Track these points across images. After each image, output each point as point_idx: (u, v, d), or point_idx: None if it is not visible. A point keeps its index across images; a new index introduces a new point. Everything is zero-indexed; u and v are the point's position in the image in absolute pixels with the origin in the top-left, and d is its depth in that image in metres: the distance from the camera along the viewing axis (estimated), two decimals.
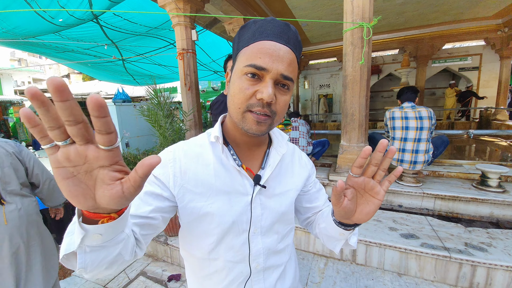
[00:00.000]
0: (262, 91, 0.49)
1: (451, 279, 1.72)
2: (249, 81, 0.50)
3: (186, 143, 0.62)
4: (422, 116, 2.40)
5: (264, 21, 0.51)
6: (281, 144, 0.65)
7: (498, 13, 5.93)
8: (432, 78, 8.74)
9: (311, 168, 0.74)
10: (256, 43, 0.50)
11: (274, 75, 0.49)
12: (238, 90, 0.51)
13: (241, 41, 0.53)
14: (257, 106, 0.50)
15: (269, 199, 0.61)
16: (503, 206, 2.19)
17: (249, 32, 0.52)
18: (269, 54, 0.48)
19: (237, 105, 0.52)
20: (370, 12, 2.42)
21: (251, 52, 0.50)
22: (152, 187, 0.56)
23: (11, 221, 1.17)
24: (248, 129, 0.52)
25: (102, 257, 0.40)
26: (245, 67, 0.50)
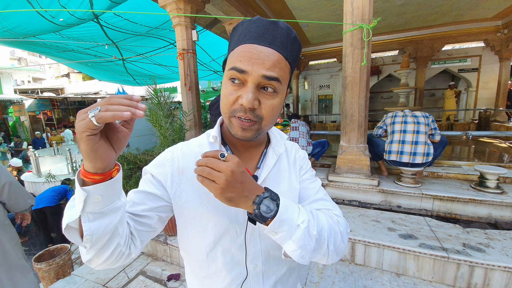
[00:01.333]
0: (242, 96, 0.49)
1: (449, 280, 1.73)
2: (233, 86, 0.50)
3: (185, 143, 0.63)
4: (417, 115, 2.54)
5: (250, 22, 0.51)
6: (279, 143, 0.65)
7: (497, 14, 5.95)
8: (431, 79, 8.76)
9: (303, 157, 0.71)
10: (239, 46, 0.50)
11: (255, 78, 0.48)
12: (223, 95, 0.52)
13: (231, 44, 0.54)
14: (240, 111, 0.50)
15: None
16: (501, 207, 2.21)
17: (236, 34, 0.52)
18: (248, 57, 0.48)
19: (223, 110, 0.53)
20: (370, 14, 2.44)
21: (234, 56, 0.50)
22: (148, 187, 0.57)
23: None
24: (234, 134, 0.53)
25: (104, 225, 0.44)
26: (228, 71, 0.50)
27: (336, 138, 5.41)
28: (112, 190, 0.44)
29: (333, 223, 0.56)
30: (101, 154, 0.40)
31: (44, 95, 13.70)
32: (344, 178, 2.69)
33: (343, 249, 0.56)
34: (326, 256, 0.53)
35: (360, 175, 2.64)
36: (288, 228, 0.47)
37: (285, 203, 0.49)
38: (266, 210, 0.46)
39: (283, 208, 0.47)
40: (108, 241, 0.46)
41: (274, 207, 0.47)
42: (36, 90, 14.19)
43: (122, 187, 0.47)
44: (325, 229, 0.52)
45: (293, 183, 0.65)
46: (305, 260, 0.50)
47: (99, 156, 0.40)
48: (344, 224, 0.59)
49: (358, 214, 2.38)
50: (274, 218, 0.46)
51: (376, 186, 2.56)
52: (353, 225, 2.17)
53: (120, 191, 0.47)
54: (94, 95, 14.45)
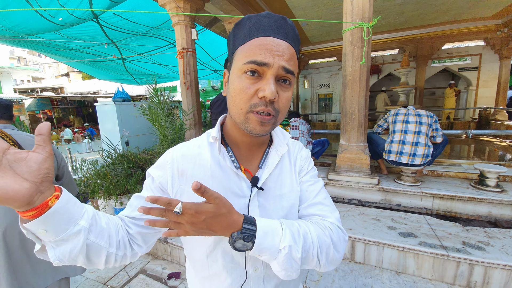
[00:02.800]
0: (264, 88, 0.47)
1: (449, 278, 1.73)
2: (250, 79, 0.48)
3: (185, 144, 0.62)
4: (421, 113, 2.51)
5: (260, 16, 0.50)
6: (282, 143, 0.63)
7: (497, 13, 5.94)
8: (431, 78, 8.76)
9: (305, 158, 0.68)
10: (253, 39, 0.48)
11: (276, 70, 0.47)
12: (238, 90, 0.49)
13: (237, 39, 0.51)
14: (260, 105, 0.48)
15: (268, 201, 0.59)
16: (501, 205, 2.21)
17: (244, 29, 0.50)
18: (268, 50, 0.47)
19: (238, 106, 0.50)
20: (370, 12, 2.43)
21: (249, 49, 0.48)
22: (147, 193, 0.58)
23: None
24: (251, 130, 0.51)
25: (69, 250, 0.42)
26: (244, 65, 0.48)
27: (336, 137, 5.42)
28: (56, 221, 0.39)
29: (324, 236, 0.54)
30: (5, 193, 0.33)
31: (44, 94, 13.69)
32: (344, 177, 2.69)
33: (338, 258, 0.55)
34: (318, 268, 0.54)
35: (360, 173, 2.64)
36: (269, 253, 0.48)
37: (265, 231, 0.48)
38: (242, 247, 0.47)
39: (261, 237, 0.47)
40: (89, 257, 0.46)
41: (250, 244, 0.47)
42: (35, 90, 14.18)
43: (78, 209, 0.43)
44: (314, 246, 0.52)
45: (294, 184, 0.63)
46: (293, 277, 0.51)
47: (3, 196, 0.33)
48: (337, 233, 0.56)
49: (358, 213, 2.38)
50: (252, 248, 0.47)
51: (376, 185, 2.57)
52: (353, 223, 2.17)
53: (73, 217, 0.42)
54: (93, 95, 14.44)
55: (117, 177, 2.62)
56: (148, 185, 0.59)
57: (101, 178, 2.62)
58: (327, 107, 10.51)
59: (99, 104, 4.36)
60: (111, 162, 2.83)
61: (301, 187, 0.64)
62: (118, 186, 2.56)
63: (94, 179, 2.65)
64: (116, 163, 2.77)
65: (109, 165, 2.75)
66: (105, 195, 2.60)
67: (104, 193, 2.58)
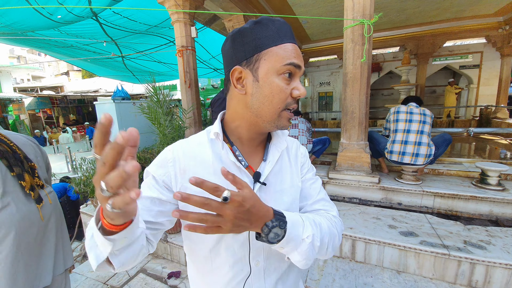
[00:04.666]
0: (298, 88, 0.54)
1: (450, 277, 1.73)
2: (287, 80, 0.53)
3: (185, 141, 0.62)
4: (426, 113, 2.48)
5: (280, 22, 0.54)
6: (281, 140, 0.65)
7: (499, 10, 5.90)
8: (432, 76, 8.71)
9: (305, 155, 0.72)
10: (285, 44, 0.53)
11: (301, 73, 0.55)
12: (278, 90, 0.53)
13: (263, 39, 0.52)
14: (293, 103, 0.55)
15: (269, 196, 0.60)
16: (502, 204, 2.20)
17: (270, 30, 0.53)
18: (298, 54, 0.54)
19: (276, 105, 0.54)
20: (371, 9, 2.41)
21: (285, 52, 0.52)
22: (152, 192, 0.56)
23: (53, 201, 1.40)
24: (283, 126, 0.57)
25: (131, 253, 0.46)
26: (284, 66, 0.52)
27: (336, 136, 5.40)
28: (135, 226, 0.43)
29: (332, 227, 0.60)
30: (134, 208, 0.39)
31: (44, 93, 13.68)
32: (344, 176, 2.68)
33: (338, 246, 0.63)
34: (324, 255, 0.59)
35: (360, 172, 2.63)
36: (294, 244, 0.50)
37: (292, 221, 0.50)
38: (274, 237, 0.47)
39: (290, 228, 0.49)
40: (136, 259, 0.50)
41: (282, 233, 0.48)
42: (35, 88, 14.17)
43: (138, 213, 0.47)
44: (326, 235, 0.56)
45: (295, 180, 0.65)
46: (309, 265, 0.54)
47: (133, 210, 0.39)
48: (340, 225, 0.63)
49: (358, 212, 2.37)
50: (283, 238, 0.48)
51: (376, 184, 2.55)
52: (353, 222, 2.16)
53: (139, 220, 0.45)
54: (93, 93, 14.42)
55: None
56: (151, 185, 0.57)
57: None
58: (328, 106, 10.48)
59: (99, 103, 4.35)
60: None
61: (304, 185, 0.67)
62: None
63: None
64: None
65: None
66: None
67: None
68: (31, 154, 1.35)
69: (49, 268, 1.35)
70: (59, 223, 1.46)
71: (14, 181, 1.21)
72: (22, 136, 1.39)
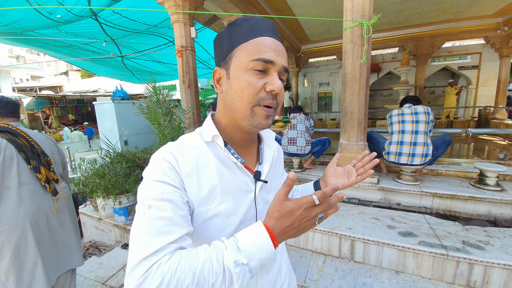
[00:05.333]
0: (272, 83, 0.51)
1: (448, 277, 1.73)
2: (257, 74, 0.51)
3: (180, 144, 0.57)
4: (418, 111, 2.47)
5: (256, 19, 0.54)
6: (271, 139, 0.69)
7: (498, 11, 5.92)
8: (431, 77, 8.73)
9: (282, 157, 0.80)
10: (257, 38, 0.52)
11: (278, 68, 0.52)
12: (246, 84, 0.51)
13: (235, 37, 0.53)
14: (268, 99, 0.52)
15: (268, 194, 0.63)
16: (500, 204, 2.20)
17: (242, 28, 0.53)
18: (272, 49, 0.51)
19: (246, 100, 0.52)
20: (370, 10, 2.41)
21: (255, 47, 0.51)
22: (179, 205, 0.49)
23: (67, 195, 1.47)
24: (257, 124, 0.54)
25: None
26: (251, 62, 0.51)
27: (335, 136, 5.40)
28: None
29: None
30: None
31: (43, 93, 13.64)
32: None
33: None
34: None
35: None
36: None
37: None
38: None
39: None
40: None
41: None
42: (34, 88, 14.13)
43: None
44: None
45: (283, 176, 0.74)
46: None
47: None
48: None
49: (357, 212, 2.38)
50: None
51: (375, 184, 2.56)
52: (352, 223, 2.17)
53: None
54: (92, 93, 14.39)
55: (115, 176, 2.61)
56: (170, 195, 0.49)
57: (100, 177, 2.61)
58: (327, 106, 10.49)
59: (98, 103, 4.34)
60: (109, 161, 2.82)
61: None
62: (117, 186, 2.54)
63: (92, 178, 2.64)
64: (115, 162, 2.76)
65: (107, 164, 2.74)
66: (103, 194, 2.59)
67: (102, 192, 2.57)
68: (48, 150, 1.46)
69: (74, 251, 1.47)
70: (72, 215, 1.55)
71: (31, 173, 1.31)
72: (41, 134, 1.51)
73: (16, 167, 1.25)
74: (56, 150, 1.57)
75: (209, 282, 0.41)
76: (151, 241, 0.44)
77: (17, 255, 1.19)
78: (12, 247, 1.18)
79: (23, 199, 1.24)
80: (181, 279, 0.40)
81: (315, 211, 0.46)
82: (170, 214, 0.47)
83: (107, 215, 2.95)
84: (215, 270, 0.41)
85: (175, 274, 0.41)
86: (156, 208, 0.47)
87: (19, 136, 1.33)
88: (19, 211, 1.22)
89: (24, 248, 1.21)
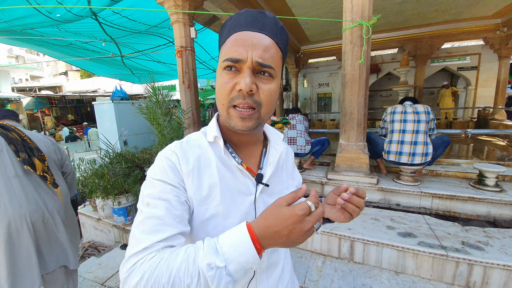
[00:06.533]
0: (239, 82, 0.48)
1: (448, 278, 1.73)
2: (228, 74, 0.49)
3: (183, 143, 0.58)
4: (419, 111, 2.47)
5: (238, 14, 0.52)
6: (278, 142, 0.66)
7: (497, 12, 5.93)
8: (430, 77, 8.74)
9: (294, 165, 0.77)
10: (230, 36, 0.50)
11: (250, 64, 0.48)
12: (219, 85, 0.51)
13: (221, 39, 0.54)
14: (239, 98, 0.49)
15: (270, 197, 0.61)
16: (500, 205, 2.21)
17: (226, 28, 0.53)
18: (242, 44, 0.48)
19: (221, 102, 0.51)
20: (370, 11, 2.42)
21: (227, 46, 0.50)
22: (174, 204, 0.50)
23: (64, 199, 1.46)
24: (234, 126, 0.51)
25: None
26: (222, 62, 0.50)
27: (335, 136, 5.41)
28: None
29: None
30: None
31: (42, 93, 13.62)
32: (343, 177, 2.68)
33: None
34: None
35: (359, 173, 2.63)
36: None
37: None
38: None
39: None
40: None
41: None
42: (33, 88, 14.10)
43: None
44: None
45: (289, 181, 0.69)
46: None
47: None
48: None
49: None
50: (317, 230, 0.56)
51: (375, 184, 2.56)
52: (352, 223, 2.17)
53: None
54: (92, 93, 14.38)
55: (115, 176, 2.60)
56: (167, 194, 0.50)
57: (99, 177, 2.61)
58: (326, 107, 10.50)
59: (97, 103, 4.34)
60: (109, 161, 2.82)
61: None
62: (116, 186, 2.54)
63: (92, 178, 2.64)
64: (114, 162, 2.76)
65: (107, 165, 2.73)
66: (103, 194, 2.58)
67: (102, 192, 2.56)
68: (43, 148, 1.47)
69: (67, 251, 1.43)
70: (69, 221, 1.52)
71: (21, 165, 1.31)
72: (40, 134, 1.53)
73: (8, 158, 1.26)
74: (53, 149, 1.54)
75: (184, 284, 0.40)
76: (142, 238, 0.46)
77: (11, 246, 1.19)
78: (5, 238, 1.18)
79: (16, 191, 1.24)
80: (158, 277, 0.41)
81: (310, 220, 0.42)
82: (163, 213, 0.48)
83: (106, 216, 2.94)
84: (190, 272, 0.41)
85: (153, 273, 0.41)
86: (152, 206, 0.49)
87: (11, 130, 1.34)
88: (13, 202, 1.22)
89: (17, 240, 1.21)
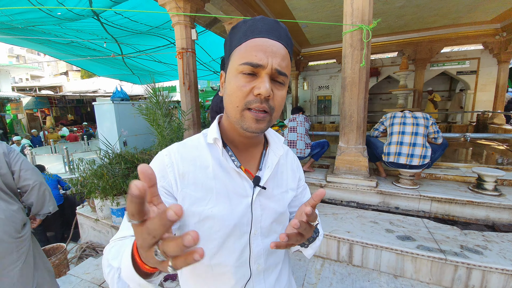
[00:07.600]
0: (259, 86, 0.49)
1: (446, 282, 1.73)
2: (246, 78, 0.50)
3: (181, 145, 0.60)
4: (417, 116, 2.53)
5: (254, 20, 0.52)
6: (278, 145, 0.66)
7: (496, 17, 5.97)
8: (430, 81, 8.78)
9: (301, 170, 0.76)
10: (248, 41, 0.50)
11: (269, 71, 0.49)
12: (235, 88, 0.51)
13: (233, 41, 0.54)
14: (256, 102, 0.50)
15: (268, 200, 0.61)
16: (499, 209, 2.21)
17: (240, 31, 0.53)
18: (263, 51, 0.49)
19: (235, 104, 0.51)
20: (370, 15, 2.44)
21: (245, 50, 0.50)
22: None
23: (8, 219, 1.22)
24: (247, 128, 0.52)
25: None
26: (240, 66, 0.50)
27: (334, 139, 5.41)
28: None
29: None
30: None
31: (42, 93, 13.62)
32: (342, 179, 2.68)
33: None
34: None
35: (358, 176, 2.63)
36: (319, 241, 0.63)
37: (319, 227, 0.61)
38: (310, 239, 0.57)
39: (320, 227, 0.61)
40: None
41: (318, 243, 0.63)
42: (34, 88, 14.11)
43: None
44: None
45: (290, 185, 0.68)
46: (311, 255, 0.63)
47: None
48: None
49: (356, 215, 2.37)
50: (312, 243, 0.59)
51: (374, 187, 2.56)
52: (351, 226, 2.16)
53: None
54: (92, 94, 14.39)
55: (114, 177, 2.60)
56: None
57: (98, 178, 2.60)
58: (326, 109, 10.51)
59: (97, 103, 4.34)
60: (108, 162, 2.81)
61: (298, 196, 0.72)
62: (115, 186, 2.53)
63: (91, 179, 2.63)
64: (113, 163, 2.75)
65: (106, 165, 2.73)
66: (101, 195, 2.57)
67: (100, 193, 2.56)
68: None
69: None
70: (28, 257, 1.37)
71: None
72: None
73: None
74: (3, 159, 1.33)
75: (105, 272, 0.47)
76: (122, 229, 0.52)
77: None
78: None
79: None
80: (104, 261, 0.48)
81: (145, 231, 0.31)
82: None
83: (105, 216, 2.93)
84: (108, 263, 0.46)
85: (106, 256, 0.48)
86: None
87: None
88: None
89: None
